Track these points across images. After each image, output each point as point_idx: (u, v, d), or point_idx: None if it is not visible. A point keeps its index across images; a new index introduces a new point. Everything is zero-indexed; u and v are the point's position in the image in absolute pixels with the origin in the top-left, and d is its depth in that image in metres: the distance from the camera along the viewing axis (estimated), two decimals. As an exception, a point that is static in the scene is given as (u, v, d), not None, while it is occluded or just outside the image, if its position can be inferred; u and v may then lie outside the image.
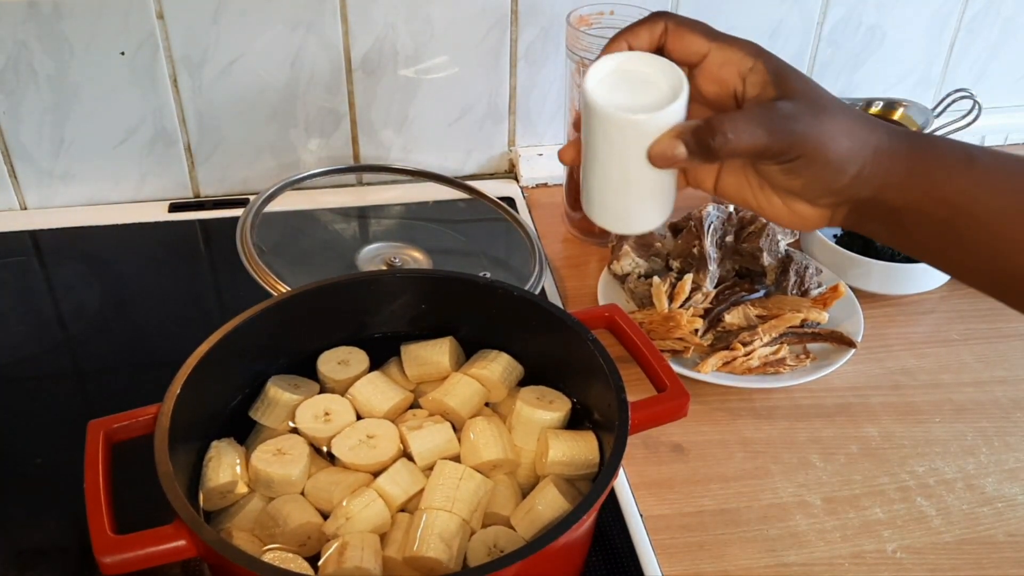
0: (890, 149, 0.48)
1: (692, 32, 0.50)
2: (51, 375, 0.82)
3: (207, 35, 0.94)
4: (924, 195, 0.48)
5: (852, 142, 0.48)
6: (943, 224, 0.48)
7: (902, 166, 0.48)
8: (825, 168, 0.48)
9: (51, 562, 0.65)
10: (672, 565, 0.66)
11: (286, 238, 0.96)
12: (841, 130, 0.48)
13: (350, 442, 0.62)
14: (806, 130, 0.47)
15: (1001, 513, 0.71)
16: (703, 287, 0.86)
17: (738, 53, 0.50)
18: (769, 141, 0.47)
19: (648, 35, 0.51)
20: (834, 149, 0.48)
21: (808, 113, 0.48)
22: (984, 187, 0.47)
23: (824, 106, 0.48)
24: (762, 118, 0.47)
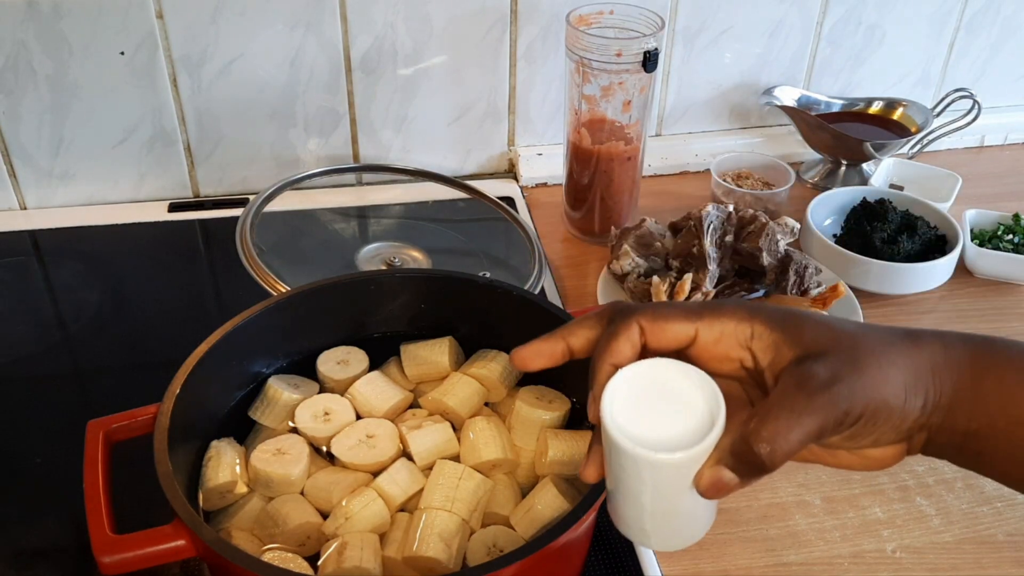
0: (947, 361, 0.42)
1: (669, 321, 0.43)
2: (51, 375, 0.82)
3: (206, 35, 0.94)
4: (999, 412, 0.41)
5: (907, 375, 0.41)
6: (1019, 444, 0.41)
7: (967, 378, 0.41)
8: (890, 417, 0.41)
9: (50, 562, 0.65)
10: (671, 565, 0.66)
11: (286, 238, 0.96)
12: (891, 367, 0.41)
13: (350, 442, 0.62)
14: (854, 390, 0.40)
15: (1000, 512, 0.71)
16: (703, 287, 0.86)
17: (729, 324, 0.43)
18: (822, 424, 0.39)
19: (629, 345, 0.43)
20: (893, 394, 0.40)
21: (847, 366, 0.40)
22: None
23: (858, 347, 0.41)
24: (801, 401, 0.39)
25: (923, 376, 0.41)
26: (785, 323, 0.42)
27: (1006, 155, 1.21)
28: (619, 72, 0.89)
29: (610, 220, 0.98)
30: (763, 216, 0.90)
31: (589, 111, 0.93)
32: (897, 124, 1.10)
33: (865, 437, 0.41)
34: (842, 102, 1.12)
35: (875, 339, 0.42)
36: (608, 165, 0.95)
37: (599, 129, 0.94)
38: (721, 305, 0.44)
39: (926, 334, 0.43)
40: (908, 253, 0.93)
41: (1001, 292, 0.94)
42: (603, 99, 0.91)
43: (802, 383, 0.40)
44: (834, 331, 0.42)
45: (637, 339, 0.43)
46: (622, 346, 0.43)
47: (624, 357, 0.43)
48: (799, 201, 1.02)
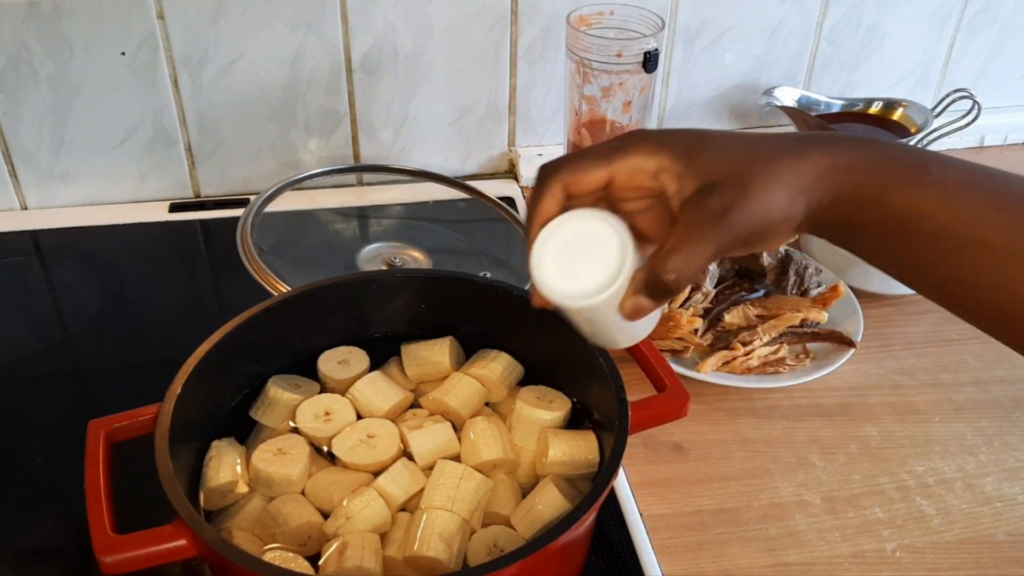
0: (834, 167, 0.47)
1: (585, 170, 0.49)
2: (51, 375, 0.82)
3: (207, 35, 0.94)
4: (872, 208, 0.47)
5: (791, 190, 0.47)
6: (890, 236, 0.47)
7: (850, 181, 0.47)
8: (777, 230, 0.47)
9: (51, 561, 0.65)
10: (672, 565, 0.66)
11: (286, 238, 0.96)
12: (777, 187, 0.46)
13: (350, 442, 0.62)
14: (742, 217, 0.46)
15: (1001, 512, 0.71)
16: (703, 287, 0.86)
17: (638, 159, 0.48)
18: (717, 249, 0.46)
19: (554, 202, 0.50)
20: (778, 210, 0.46)
21: (734, 191, 0.46)
22: (932, 199, 0.46)
23: (748, 170, 0.46)
24: (697, 232, 0.46)
25: (806, 186, 0.47)
26: (687, 154, 0.47)
27: (1006, 155, 1.21)
28: (619, 73, 0.89)
29: (610, 220, 0.98)
30: (763, 216, 0.90)
31: (589, 112, 0.93)
32: (897, 124, 1.09)
33: (757, 247, 0.48)
34: (842, 102, 1.12)
35: (764, 160, 0.47)
36: (608, 165, 0.94)
37: (599, 130, 0.94)
38: (630, 142, 0.49)
39: (814, 147, 0.48)
40: (908, 253, 0.93)
41: (1001, 292, 0.94)
42: (603, 100, 0.91)
43: (697, 215, 0.46)
44: (728, 158, 0.47)
45: (560, 195, 0.50)
46: (547, 204, 0.50)
47: (551, 214, 0.50)
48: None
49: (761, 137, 0.49)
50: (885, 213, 0.46)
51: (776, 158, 0.47)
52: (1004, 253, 0.44)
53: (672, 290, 0.47)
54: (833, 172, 0.47)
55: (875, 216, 0.47)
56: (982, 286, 0.46)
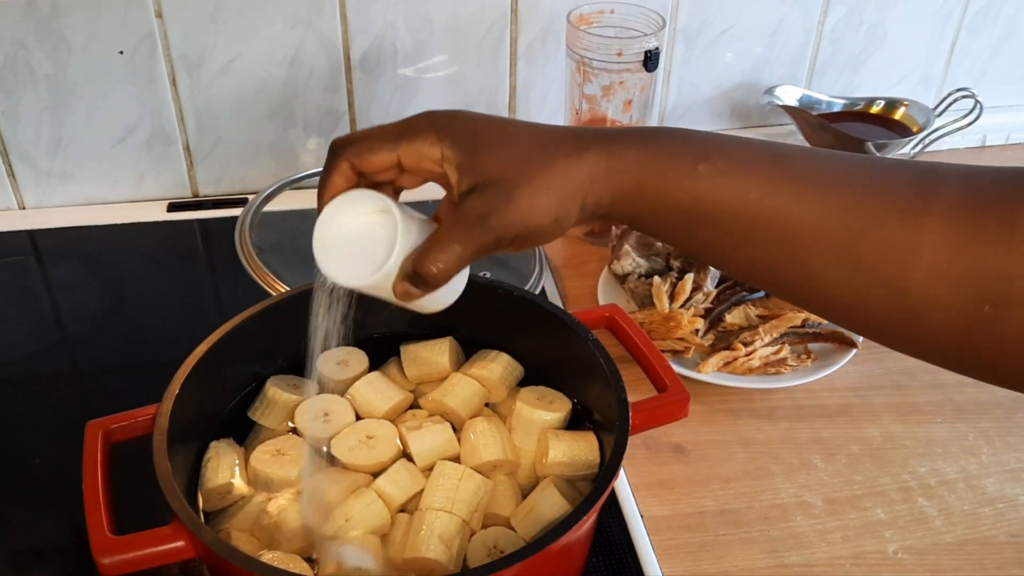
0: (611, 169, 0.47)
1: (373, 150, 0.49)
2: (50, 375, 0.81)
3: (206, 34, 0.94)
4: (658, 203, 0.46)
5: (557, 193, 0.46)
6: (684, 227, 0.47)
7: (629, 181, 0.47)
8: (543, 233, 0.47)
9: (49, 562, 0.64)
10: (673, 566, 0.66)
11: (285, 238, 0.96)
12: (544, 193, 0.46)
13: (349, 442, 0.62)
14: (502, 220, 0.46)
15: (1003, 513, 0.71)
16: (704, 287, 0.85)
17: (422, 145, 0.48)
18: (476, 250, 0.47)
19: (343, 179, 0.50)
20: (543, 215, 0.47)
21: (498, 196, 0.46)
22: (715, 187, 0.45)
23: (517, 176, 0.47)
24: (456, 233, 0.47)
25: (580, 190, 0.47)
26: (467, 148, 0.48)
27: (1008, 155, 1.21)
28: (620, 71, 0.89)
29: (611, 220, 0.98)
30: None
31: (590, 111, 0.93)
32: (899, 124, 1.09)
33: (526, 247, 0.48)
34: (843, 102, 1.11)
35: (538, 163, 0.47)
36: (609, 165, 0.94)
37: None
38: (416, 127, 0.49)
39: (591, 148, 0.47)
40: (909, 253, 0.92)
41: (1003, 292, 0.94)
42: (604, 99, 0.91)
43: (461, 216, 0.47)
44: (503, 159, 0.47)
45: (350, 172, 0.50)
46: (335, 181, 0.50)
47: (340, 190, 0.50)
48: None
49: (544, 133, 0.49)
50: (672, 206, 0.46)
51: (550, 162, 0.47)
52: (793, 230, 0.44)
53: (432, 283, 0.48)
54: (609, 174, 0.47)
55: (662, 209, 0.47)
56: (780, 265, 0.45)
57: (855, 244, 0.43)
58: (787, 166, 0.45)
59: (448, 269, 0.47)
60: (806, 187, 0.44)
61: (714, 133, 0.48)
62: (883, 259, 0.43)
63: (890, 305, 0.43)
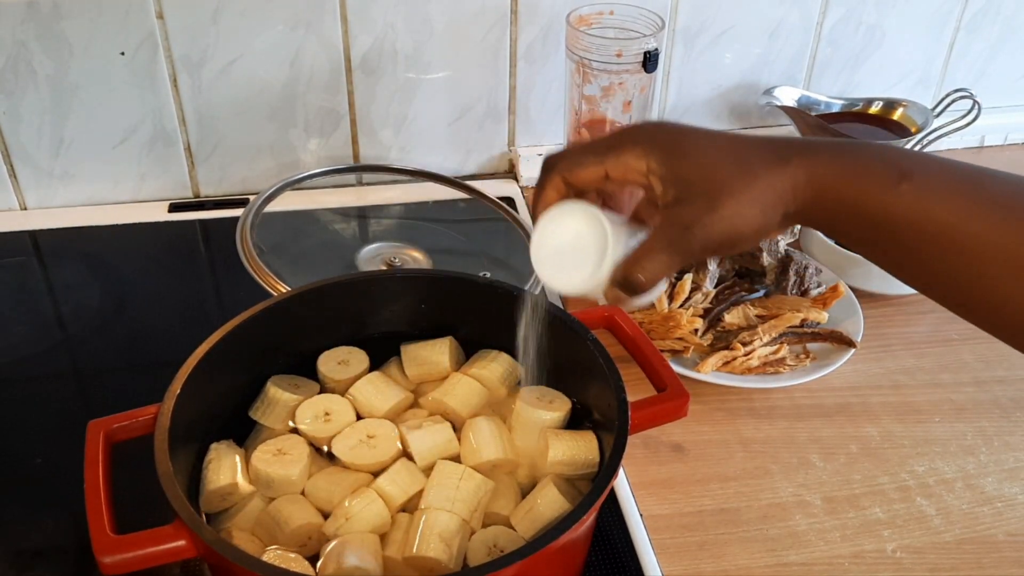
0: (812, 177, 0.48)
1: (582, 165, 0.52)
2: (51, 375, 0.82)
3: (207, 35, 0.94)
4: (852, 215, 0.48)
5: (762, 205, 0.48)
6: (875, 240, 0.49)
7: (829, 189, 0.48)
8: (748, 239, 0.49)
9: (51, 562, 0.65)
10: (672, 565, 0.66)
11: (286, 238, 0.96)
12: (749, 204, 0.48)
13: (350, 442, 0.62)
14: (707, 230, 0.48)
15: (1001, 513, 0.71)
16: (703, 287, 0.86)
17: (629, 158, 0.50)
18: (682, 259, 0.49)
19: (556, 193, 0.53)
20: (748, 224, 0.48)
21: (703, 207, 0.48)
22: (910, 206, 0.46)
23: (721, 188, 0.48)
24: (662, 243, 0.49)
25: (782, 199, 0.48)
26: (670, 159, 0.50)
27: (1006, 155, 1.21)
28: (619, 72, 0.89)
29: (610, 220, 0.98)
30: (763, 216, 0.90)
31: (589, 111, 0.93)
32: (897, 124, 1.09)
33: (732, 251, 0.50)
34: (842, 102, 1.11)
35: (741, 174, 0.48)
36: (608, 165, 0.94)
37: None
38: (622, 142, 0.51)
39: (793, 158, 0.48)
40: (908, 253, 0.93)
41: (1001, 292, 0.94)
42: (603, 99, 0.91)
43: (667, 227, 0.49)
44: (706, 169, 0.49)
45: (562, 186, 0.53)
46: (549, 196, 0.54)
47: (552, 202, 0.54)
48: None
49: (744, 144, 0.50)
50: (867, 218, 0.47)
51: (753, 172, 0.48)
52: (985, 255, 0.45)
53: (641, 289, 0.50)
54: (810, 182, 0.48)
55: (857, 219, 0.48)
56: (969, 287, 0.46)
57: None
58: (988, 191, 0.46)
59: (656, 277, 0.49)
60: (1004, 213, 0.45)
61: (915, 151, 0.49)
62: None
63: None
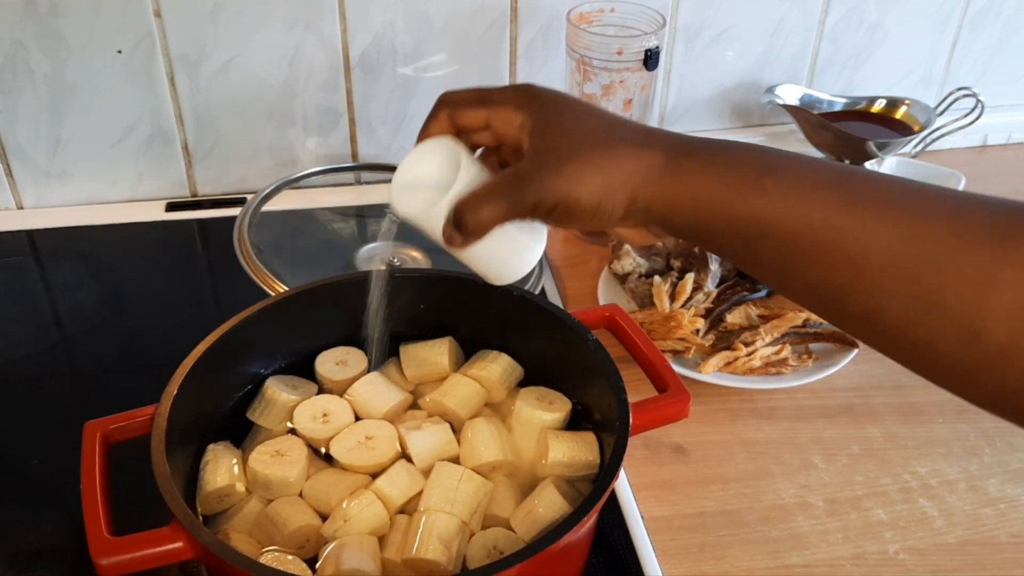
0: (666, 168, 0.47)
1: (469, 107, 0.53)
2: (48, 375, 0.81)
3: (204, 33, 0.94)
4: (720, 217, 0.46)
5: (606, 177, 0.47)
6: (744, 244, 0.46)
7: (687, 186, 0.47)
8: (583, 210, 0.48)
9: (47, 563, 0.64)
10: (673, 566, 0.66)
11: (284, 237, 0.96)
12: (590, 170, 0.48)
13: (348, 443, 0.62)
14: (542, 185, 0.48)
15: (1004, 514, 0.70)
16: (704, 287, 0.85)
17: (507, 110, 0.52)
18: (511, 205, 0.49)
19: (438, 127, 0.55)
20: (583, 192, 0.48)
21: (548, 166, 0.48)
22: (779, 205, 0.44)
23: (573, 151, 0.48)
24: (499, 188, 0.50)
25: (630, 180, 0.47)
26: (544, 117, 0.50)
27: (1009, 154, 1.20)
28: (620, 71, 0.88)
29: (611, 219, 0.98)
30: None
31: (590, 110, 0.92)
32: (900, 123, 1.09)
33: (566, 223, 0.50)
34: (844, 101, 1.11)
35: (598, 143, 0.48)
36: (609, 164, 0.94)
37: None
38: (508, 94, 0.53)
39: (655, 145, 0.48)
40: (910, 253, 0.92)
41: (1004, 292, 0.94)
42: (604, 98, 0.91)
43: (508, 173, 0.50)
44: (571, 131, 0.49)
45: (446, 122, 0.54)
46: (431, 128, 0.55)
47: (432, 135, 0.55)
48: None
49: (619, 124, 0.50)
50: (733, 220, 0.45)
51: (609, 145, 0.48)
52: (859, 254, 0.42)
53: (470, 230, 0.50)
54: (664, 176, 0.47)
55: (723, 223, 0.46)
56: (844, 291, 0.43)
57: (927, 273, 0.40)
58: (858, 187, 0.43)
59: (483, 220, 0.50)
60: (877, 210, 0.42)
61: (783, 150, 0.47)
62: (957, 294, 0.39)
63: (963, 347, 0.39)
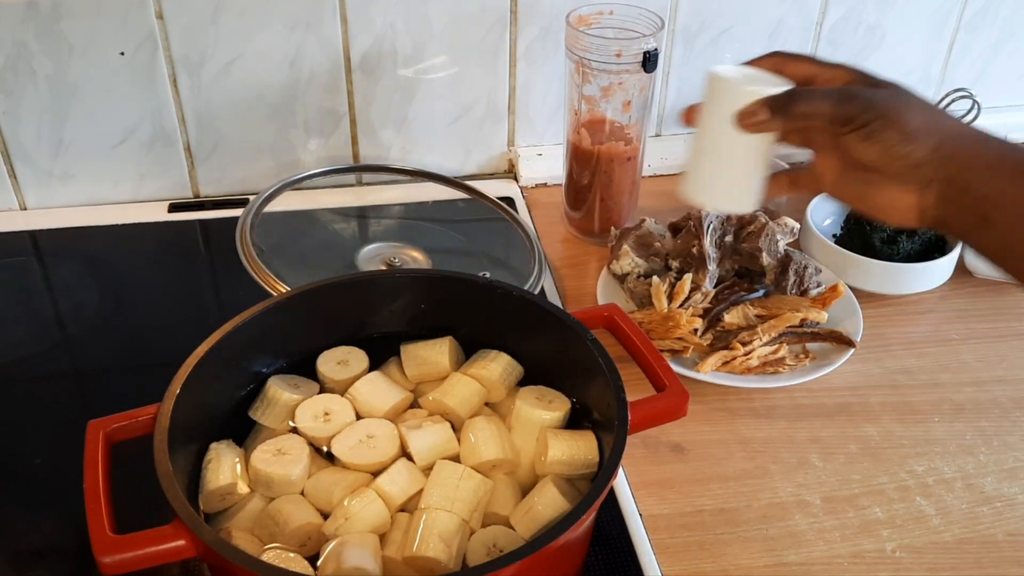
0: (975, 138, 0.51)
1: (800, 60, 0.58)
2: (51, 375, 0.82)
3: (206, 35, 0.94)
4: (1013, 182, 0.49)
5: (927, 117, 0.52)
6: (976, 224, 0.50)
7: (992, 152, 0.50)
8: (899, 133, 0.52)
9: (50, 562, 0.65)
10: (671, 565, 0.66)
11: (285, 238, 0.96)
12: (916, 108, 0.53)
13: (350, 442, 0.62)
14: (874, 99, 0.53)
15: (1000, 512, 0.71)
16: (702, 287, 0.86)
17: (840, 71, 0.56)
18: (834, 106, 0.53)
19: (766, 63, 0.59)
20: (907, 118, 0.52)
21: (882, 93, 0.53)
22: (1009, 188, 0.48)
23: (902, 93, 0.54)
24: (837, 90, 0.54)
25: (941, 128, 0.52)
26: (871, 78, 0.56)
27: (1006, 155, 1.21)
28: (619, 72, 0.89)
29: (610, 220, 0.98)
30: (763, 216, 0.90)
31: (589, 111, 0.93)
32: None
33: (875, 143, 0.52)
34: (842, 102, 1.11)
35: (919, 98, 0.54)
36: (608, 165, 0.95)
37: (599, 129, 0.94)
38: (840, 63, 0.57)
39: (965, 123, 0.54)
40: (908, 253, 0.93)
41: (1001, 292, 0.94)
42: (603, 99, 0.91)
43: (845, 85, 0.55)
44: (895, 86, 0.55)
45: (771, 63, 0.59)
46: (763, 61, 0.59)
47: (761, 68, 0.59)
48: (798, 201, 1.02)
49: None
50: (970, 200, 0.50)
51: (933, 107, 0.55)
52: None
53: (787, 110, 0.54)
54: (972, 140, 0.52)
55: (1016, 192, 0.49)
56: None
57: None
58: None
59: (810, 103, 0.54)
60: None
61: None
62: None
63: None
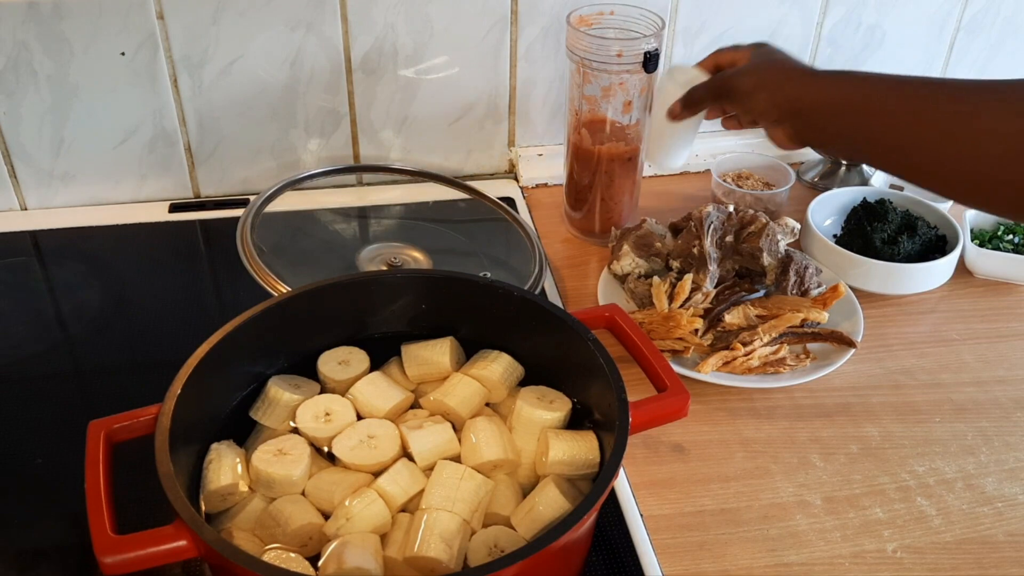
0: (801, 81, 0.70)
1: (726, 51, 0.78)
2: (52, 375, 0.82)
3: (207, 35, 0.94)
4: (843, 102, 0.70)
5: (757, 78, 0.72)
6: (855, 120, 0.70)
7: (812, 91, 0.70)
8: (743, 95, 0.73)
9: (51, 562, 0.65)
10: (672, 565, 0.66)
11: (286, 238, 0.96)
12: (750, 72, 0.73)
13: (351, 442, 0.62)
14: (726, 76, 0.75)
15: (1001, 513, 0.71)
16: (703, 287, 0.86)
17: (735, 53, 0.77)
18: (709, 89, 0.78)
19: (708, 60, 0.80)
20: (743, 82, 0.73)
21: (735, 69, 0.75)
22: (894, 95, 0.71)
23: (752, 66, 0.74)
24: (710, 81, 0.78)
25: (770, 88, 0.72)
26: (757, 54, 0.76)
27: (1006, 155, 1.21)
28: (620, 73, 0.89)
29: (610, 220, 0.98)
30: (763, 216, 0.90)
31: (589, 111, 0.93)
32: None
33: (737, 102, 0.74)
34: (842, 102, 1.11)
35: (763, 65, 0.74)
36: (609, 166, 0.95)
37: (600, 130, 0.94)
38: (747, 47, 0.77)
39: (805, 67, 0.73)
40: (908, 253, 0.93)
41: (1001, 292, 0.95)
42: (603, 99, 0.91)
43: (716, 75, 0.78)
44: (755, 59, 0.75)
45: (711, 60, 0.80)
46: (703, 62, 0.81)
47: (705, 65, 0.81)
48: (799, 201, 1.02)
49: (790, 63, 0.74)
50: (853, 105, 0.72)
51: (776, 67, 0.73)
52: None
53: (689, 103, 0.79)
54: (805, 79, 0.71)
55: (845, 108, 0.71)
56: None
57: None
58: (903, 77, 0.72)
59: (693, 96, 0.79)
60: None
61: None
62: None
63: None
